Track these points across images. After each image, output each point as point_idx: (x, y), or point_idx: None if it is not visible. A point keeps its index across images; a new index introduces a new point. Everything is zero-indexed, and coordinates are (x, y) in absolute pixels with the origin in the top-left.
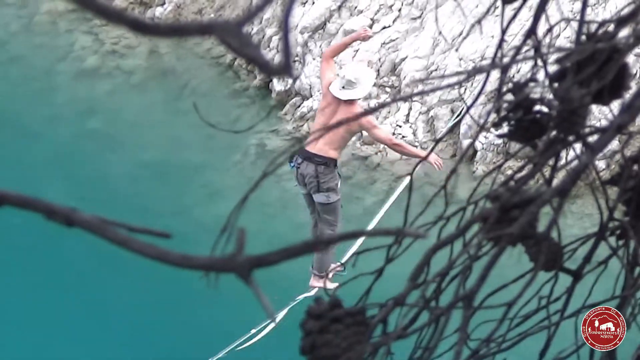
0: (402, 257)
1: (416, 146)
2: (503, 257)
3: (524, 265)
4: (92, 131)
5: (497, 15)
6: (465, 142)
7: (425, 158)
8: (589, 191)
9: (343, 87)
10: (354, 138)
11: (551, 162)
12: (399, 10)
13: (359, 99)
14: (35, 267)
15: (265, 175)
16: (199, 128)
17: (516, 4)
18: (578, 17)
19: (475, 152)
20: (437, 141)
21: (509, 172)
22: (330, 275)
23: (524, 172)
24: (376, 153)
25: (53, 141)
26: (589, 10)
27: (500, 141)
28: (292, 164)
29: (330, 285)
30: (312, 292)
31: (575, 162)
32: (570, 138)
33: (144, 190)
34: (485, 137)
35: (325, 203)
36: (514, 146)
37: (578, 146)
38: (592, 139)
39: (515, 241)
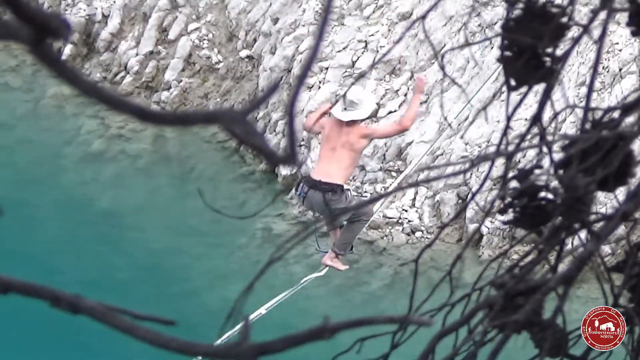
0: (407, 343)
1: (422, 231)
2: (508, 343)
3: (529, 351)
4: (98, 214)
5: (502, 100)
6: (472, 227)
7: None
8: (594, 276)
9: (345, 109)
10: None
11: (556, 248)
12: (405, 95)
13: (362, 120)
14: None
15: (271, 263)
16: (204, 212)
17: (521, 90)
18: (583, 103)
19: (482, 236)
20: (443, 226)
21: (515, 256)
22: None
23: (529, 259)
24: (382, 238)
25: (59, 226)
26: (594, 95)
27: (506, 226)
28: (298, 193)
29: (342, 267)
30: (323, 272)
31: (581, 249)
32: (576, 225)
33: (149, 275)
34: (491, 221)
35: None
36: (520, 231)
37: (583, 233)
38: (597, 226)
39: (521, 328)
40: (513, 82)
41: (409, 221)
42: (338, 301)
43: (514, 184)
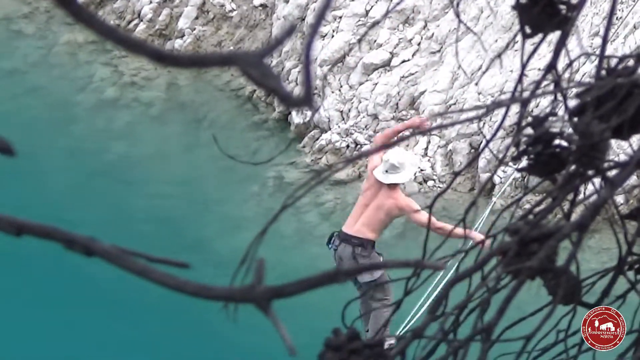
0: (421, 289)
1: (434, 180)
2: (521, 291)
3: (542, 298)
4: (110, 162)
5: (516, 50)
6: (484, 176)
7: (480, 242)
8: (606, 226)
9: (386, 171)
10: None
11: (570, 196)
12: (419, 44)
13: (402, 183)
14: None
15: (284, 208)
16: (217, 160)
17: (536, 39)
18: (598, 52)
19: (494, 185)
20: (456, 174)
21: (527, 206)
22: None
23: (542, 206)
24: None
25: (72, 172)
26: (608, 45)
27: (518, 175)
28: (330, 246)
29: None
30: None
31: (595, 197)
32: (590, 172)
33: (161, 222)
34: (503, 171)
35: (371, 281)
36: (533, 180)
37: (597, 180)
38: (611, 173)
39: (534, 275)
40: (528, 30)
41: (422, 170)
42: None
43: (528, 131)
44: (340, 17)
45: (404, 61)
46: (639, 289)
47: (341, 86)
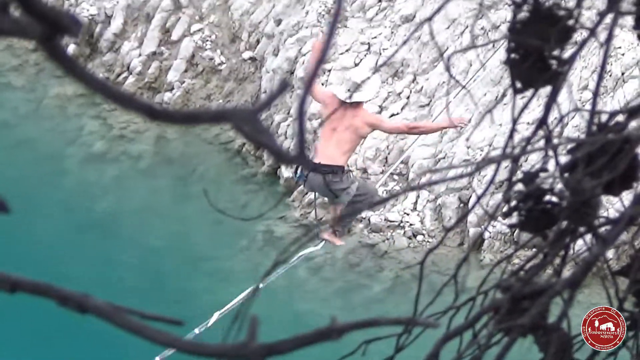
0: (412, 346)
1: (423, 235)
2: (513, 348)
3: (533, 356)
4: (100, 216)
5: (505, 104)
6: (473, 231)
7: (451, 126)
8: (596, 281)
9: (348, 90)
10: (361, 225)
11: (561, 252)
12: (407, 97)
13: (366, 101)
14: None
15: (277, 264)
16: (206, 214)
17: (527, 94)
18: (588, 107)
19: (483, 240)
20: (447, 230)
21: (517, 261)
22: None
23: (533, 262)
24: (383, 241)
25: (62, 226)
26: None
27: (507, 230)
28: (298, 175)
29: (338, 243)
30: (319, 246)
31: (586, 253)
32: (581, 229)
33: (150, 277)
34: (493, 225)
35: (351, 195)
36: (523, 236)
37: (588, 237)
38: (602, 229)
39: (526, 332)
40: (519, 85)
41: (411, 225)
42: (339, 304)
43: (519, 187)
44: (330, 70)
45: (393, 114)
46: (630, 346)
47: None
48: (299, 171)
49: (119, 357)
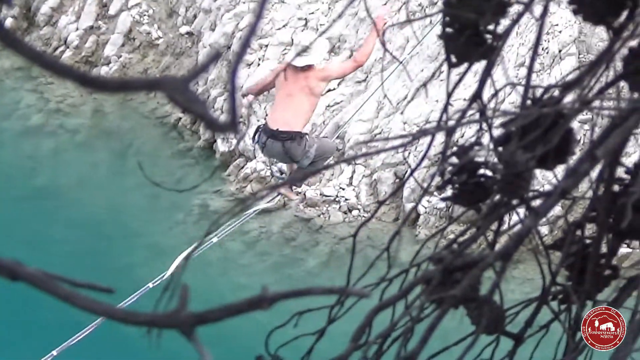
0: (344, 317)
1: (358, 209)
2: (445, 320)
3: (465, 328)
4: (36, 189)
5: (441, 80)
6: (408, 206)
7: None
8: (530, 256)
9: (298, 55)
10: (296, 200)
11: (494, 226)
12: None
13: (316, 64)
14: None
15: (208, 234)
16: (142, 188)
17: (461, 68)
18: (523, 82)
19: (418, 215)
20: (380, 204)
21: (452, 236)
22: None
23: (467, 236)
24: (319, 215)
25: None
26: (534, 76)
27: (443, 205)
28: (256, 141)
29: (293, 197)
30: (274, 202)
31: (519, 227)
32: (514, 202)
33: (86, 249)
34: (428, 201)
35: (311, 159)
36: (457, 210)
37: (521, 210)
38: (536, 203)
39: (458, 304)
40: (454, 59)
41: (346, 199)
42: (274, 278)
43: (453, 160)
44: (267, 46)
45: (329, 90)
46: (563, 319)
47: (267, 115)
48: (256, 137)
49: None
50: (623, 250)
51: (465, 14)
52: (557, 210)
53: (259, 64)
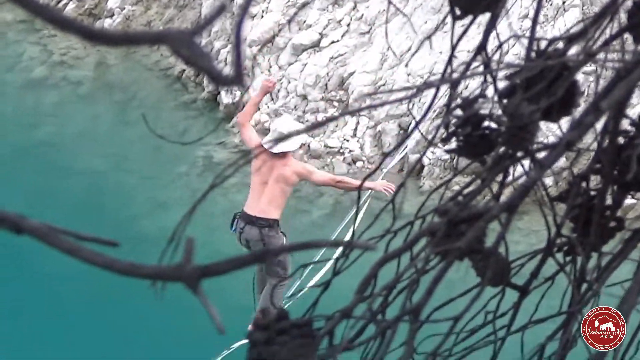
0: (350, 270)
1: (363, 161)
2: (450, 272)
3: (471, 280)
4: (39, 141)
5: (445, 32)
6: (413, 157)
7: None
8: (536, 208)
9: (275, 141)
10: (301, 151)
11: (499, 178)
12: (348, 25)
13: (292, 151)
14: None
15: (212, 187)
16: (146, 139)
17: (466, 21)
18: (528, 34)
19: (423, 167)
20: (385, 155)
21: (457, 187)
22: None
23: (472, 188)
24: (323, 167)
25: (1, 151)
26: (538, 28)
27: (447, 157)
28: (233, 228)
29: None
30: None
31: (524, 178)
32: (519, 154)
33: (90, 201)
34: (432, 152)
35: (286, 267)
36: (462, 162)
37: (526, 162)
38: (540, 155)
39: (463, 256)
40: (458, 11)
41: (350, 151)
42: None
43: (457, 112)
44: None
45: (333, 42)
46: (568, 271)
47: (270, 67)
48: (234, 224)
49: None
50: (628, 201)
51: None
52: (562, 162)
53: (262, 16)
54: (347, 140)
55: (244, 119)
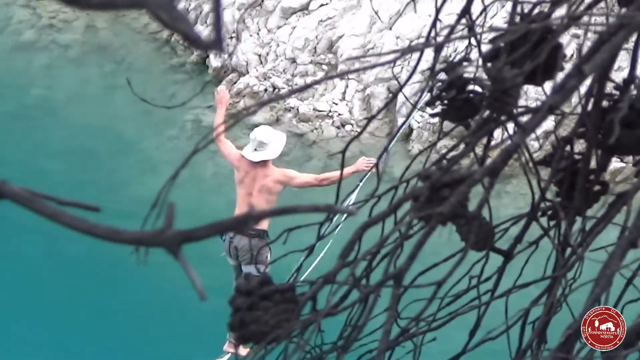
0: (335, 238)
1: (351, 124)
2: (434, 237)
3: (455, 244)
4: (28, 104)
5: None
6: (401, 121)
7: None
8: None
9: (255, 150)
10: (290, 114)
11: (484, 141)
12: None
13: (273, 159)
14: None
15: (196, 151)
16: (135, 103)
17: None
18: None
19: (412, 130)
20: (371, 118)
21: (444, 151)
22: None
23: (456, 152)
24: (312, 130)
25: None
26: None
27: (436, 120)
28: (223, 237)
29: (243, 352)
30: (225, 358)
31: (508, 142)
32: (503, 118)
33: (78, 165)
34: (421, 115)
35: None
36: (448, 125)
37: (512, 126)
38: (524, 119)
39: (446, 220)
40: None
41: (339, 114)
42: None
43: (442, 76)
44: None
45: (322, 5)
46: (552, 235)
47: (259, 30)
48: (224, 235)
49: None
50: (616, 165)
51: None
52: (547, 125)
53: None
54: (336, 104)
55: (217, 134)
